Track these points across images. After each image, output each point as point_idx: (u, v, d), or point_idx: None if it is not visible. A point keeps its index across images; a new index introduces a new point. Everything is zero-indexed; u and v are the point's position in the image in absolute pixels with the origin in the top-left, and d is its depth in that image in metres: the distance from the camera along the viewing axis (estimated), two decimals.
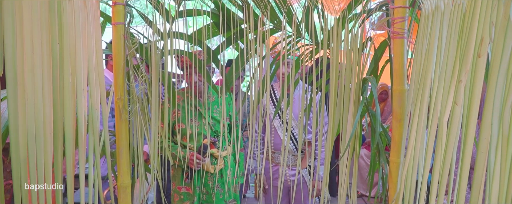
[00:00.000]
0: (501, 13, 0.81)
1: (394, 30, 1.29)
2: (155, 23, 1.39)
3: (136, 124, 1.41)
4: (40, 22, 0.97)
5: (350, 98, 1.38)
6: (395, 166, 1.32)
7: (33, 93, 0.95)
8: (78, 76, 1.11)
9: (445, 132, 0.95)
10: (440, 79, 1.00)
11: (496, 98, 0.79)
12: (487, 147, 0.81)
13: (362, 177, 4.14)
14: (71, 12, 1.08)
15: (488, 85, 0.81)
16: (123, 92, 1.36)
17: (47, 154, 1.03)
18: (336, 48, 1.36)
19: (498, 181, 0.78)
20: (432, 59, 1.06)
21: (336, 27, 1.36)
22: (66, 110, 1.07)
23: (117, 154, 1.39)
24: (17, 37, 0.92)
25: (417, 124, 1.09)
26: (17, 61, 0.91)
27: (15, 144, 0.95)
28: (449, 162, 0.92)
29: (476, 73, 0.86)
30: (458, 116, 0.91)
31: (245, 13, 1.44)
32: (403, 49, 1.29)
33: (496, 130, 0.79)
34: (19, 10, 0.91)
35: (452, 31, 0.98)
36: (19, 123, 0.93)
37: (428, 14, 1.13)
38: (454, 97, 0.92)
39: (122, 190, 1.41)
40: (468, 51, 0.89)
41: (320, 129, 1.60)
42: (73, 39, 1.08)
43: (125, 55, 1.36)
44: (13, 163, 0.96)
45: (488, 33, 0.84)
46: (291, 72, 1.50)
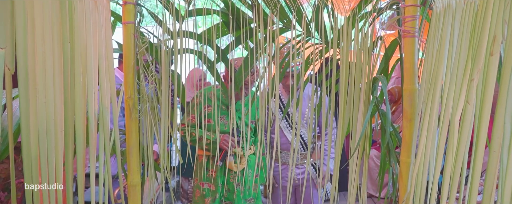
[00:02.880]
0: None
1: (404, 29, 1.28)
2: (165, 22, 1.40)
3: (146, 123, 1.42)
4: (51, 22, 0.98)
5: (360, 98, 1.37)
6: (405, 166, 1.31)
7: (44, 92, 0.96)
8: (88, 75, 1.11)
9: (457, 131, 0.93)
10: (452, 78, 0.99)
11: (509, 97, 0.78)
12: (500, 147, 0.79)
13: (372, 178, 4.11)
14: (82, 11, 1.09)
15: (500, 84, 0.80)
16: (133, 91, 1.36)
17: (58, 153, 1.04)
18: (346, 48, 1.35)
19: (511, 181, 0.77)
20: (443, 58, 1.05)
21: (346, 26, 1.35)
22: (77, 109, 1.08)
23: (127, 153, 1.40)
24: (29, 36, 0.92)
25: (428, 124, 1.08)
26: (28, 60, 0.92)
27: (27, 142, 0.96)
28: (461, 162, 0.90)
29: (488, 72, 0.85)
30: (470, 115, 0.89)
31: (254, 12, 1.44)
32: (414, 48, 1.28)
33: (509, 129, 0.78)
34: (30, 10, 0.92)
35: (464, 30, 0.97)
36: (31, 122, 0.94)
37: (440, 12, 1.12)
38: (466, 96, 0.91)
39: (132, 189, 1.42)
40: (481, 50, 0.87)
41: (330, 127, 1.59)
42: (84, 39, 1.09)
43: (135, 54, 1.36)
44: (24, 162, 0.97)
45: (500, 31, 0.83)
46: (301, 72, 1.49)
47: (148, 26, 1.47)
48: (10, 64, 0.88)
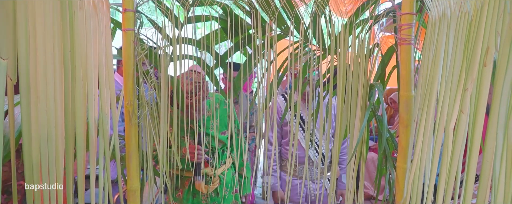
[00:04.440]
0: (506, 22, 0.81)
1: (401, 37, 1.29)
2: (164, 29, 1.41)
3: (145, 128, 1.44)
4: (53, 30, 1.00)
5: (357, 104, 1.39)
6: (402, 172, 1.33)
7: (45, 99, 0.97)
8: (89, 82, 1.13)
9: (451, 140, 0.95)
10: (447, 87, 1.01)
11: (501, 108, 0.80)
12: (493, 156, 0.81)
13: (371, 179, 4.13)
14: (83, 20, 1.10)
15: (493, 94, 0.82)
16: (132, 97, 1.38)
17: (58, 158, 1.05)
18: (343, 54, 1.37)
19: (503, 189, 0.79)
20: (438, 66, 1.07)
21: (343, 33, 1.36)
22: (77, 115, 1.10)
23: (126, 158, 1.41)
24: (30, 46, 0.94)
25: (423, 130, 1.10)
26: (30, 69, 0.93)
27: (28, 148, 0.98)
28: (455, 170, 0.92)
29: (481, 82, 0.87)
30: (464, 124, 0.91)
31: (253, 18, 1.46)
32: (410, 56, 1.29)
33: (501, 139, 0.80)
34: (32, 20, 0.94)
35: (458, 39, 0.99)
36: (32, 128, 0.96)
37: (435, 21, 1.14)
38: (460, 105, 0.92)
39: (131, 194, 1.43)
40: (474, 60, 0.89)
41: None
42: (84, 46, 1.10)
43: (135, 60, 1.38)
44: (25, 166, 0.99)
45: (493, 42, 0.85)
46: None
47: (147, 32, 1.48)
48: (12, 74, 0.89)
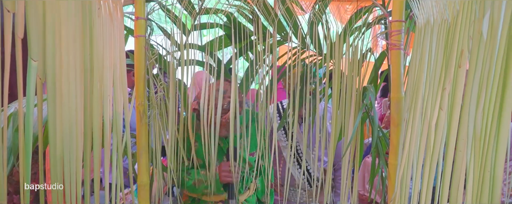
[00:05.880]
0: (476, 28, 0.92)
1: (391, 42, 1.40)
2: (173, 35, 1.53)
3: (155, 127, 1.55)
4: (74, 36, 1.12)
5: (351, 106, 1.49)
6: (393, 168, 1.43)
7: (68, 98, 1.09)
8: (104, 84, 1.24)
9: (433, 135, 1.06)
10: (430, 87, 1.12)
11: (471, 104, 0.90)
12: (465, 147, 0.91)
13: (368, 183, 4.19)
14: (100, 26, 1.22)
15: (465, 91, 0.92)
16: (143, 99, 1.49)
17: (78, 154, 1.17)
18: (337, 62, 1.48)
19: (472, 174, 0.89)
20: (424, 69, 1.17)
21: (338, 42, 1.48)
22: (94, 114, 1.21)
23: (137, 155, 1.52)
24: (56, 49, 1.06)
25: (411, 129, 1.20)
26: (56, 70, 1.05)
27: (54, 144, 1.09)
28: (435, 161, 1.03)
29: (456, 82, 0.98)
30: (443, 120, 1.02)
31: (255, 26, 1.57)
32: (400, 60, 1.40)
33: (472, 131, 0.90)
34: (58, 27, 1.06)
35: (439, 44, 1.09)
36: (57, 125, 1.07)
37: (421, 27, 1.25)
38: (439, 103, 1.03)
39: (141, 188, 1.54)
40: (451, 62, 1.00)
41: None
42: (101, 50, 1.22)
43: (146, 65, 1.49)
44: (51, 161, 1.10)
45: (467, 46, 0.95)
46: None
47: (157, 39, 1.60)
48: (42, 74, 1.01)
